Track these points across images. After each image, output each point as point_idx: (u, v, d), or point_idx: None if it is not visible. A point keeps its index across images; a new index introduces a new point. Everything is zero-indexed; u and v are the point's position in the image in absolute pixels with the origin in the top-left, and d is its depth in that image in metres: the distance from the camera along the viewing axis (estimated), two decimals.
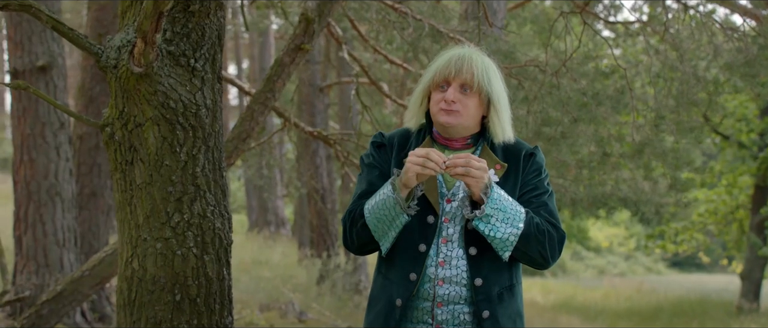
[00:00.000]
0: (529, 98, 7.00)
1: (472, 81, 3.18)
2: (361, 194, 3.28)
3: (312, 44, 5.25)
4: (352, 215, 3.24)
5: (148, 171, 3.44)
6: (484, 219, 3.10)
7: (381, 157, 3.33)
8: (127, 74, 3.34)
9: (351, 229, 3.24)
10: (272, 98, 5.29)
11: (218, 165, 3.57)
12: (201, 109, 3.48)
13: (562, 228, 3.28)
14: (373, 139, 3.39)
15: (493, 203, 3.08)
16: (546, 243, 3.18)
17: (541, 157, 3.32)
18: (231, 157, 5.34)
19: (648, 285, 26.75)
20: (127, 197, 3.48)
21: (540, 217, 3.21)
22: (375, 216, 3.15)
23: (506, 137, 3.26)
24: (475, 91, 3.19)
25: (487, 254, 3.19)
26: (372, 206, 3.16)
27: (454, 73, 3.19)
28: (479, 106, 3.22)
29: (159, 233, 3.45)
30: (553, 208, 3.29)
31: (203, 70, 3.48)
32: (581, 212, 10.29)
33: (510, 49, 6.99)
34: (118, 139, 3.46)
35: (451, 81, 3.20)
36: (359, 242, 3.24)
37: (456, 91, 3.19)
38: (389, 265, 3.28)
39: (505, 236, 3.12)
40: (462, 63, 3.20)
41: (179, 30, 3.42)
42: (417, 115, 3.32)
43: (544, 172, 3.32)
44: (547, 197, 3.27)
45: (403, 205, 3.10)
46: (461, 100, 3.19)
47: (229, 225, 3.62)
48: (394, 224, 3.14)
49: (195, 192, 3.49)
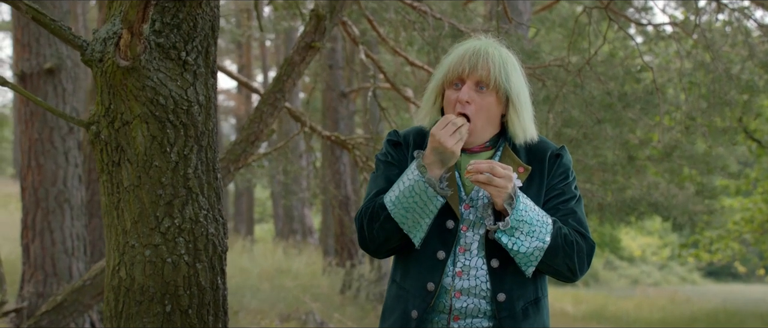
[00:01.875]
0: (551, 98, 6.70)
1: (488, 78, 2.91)
2: (379, 192, 3.03)
3: (323, 42, 5.00)
4: (371, 210, 2.97)
5: (136, 172, 3.20)
6: (508, 232, 2.83)
7: (398, 155, 3.08)
8: (112, 68, 3.11)
9: (370, 225, 2.97)
10: (282, 99, 5.05)
11: (212, 166, 3.33)
12: (193, 105, 3.23)
13: (591, 237, 3.00)
14: (389, 138, 3.14)
15: (517, 214, 2.81)
16: (574, 255, 2.90)
17: (568, 159, 3.04)
18: (238, 161, 5.10)
19: (682, 295, 26.23)
20: (114, 201, 3.24)
21: (568, 226, 2.93)
22: (402, 205, 2.88)
23: (528, 137, 2.99)
24: (491, 89, 2.92)
25: (511, 266, 2.93)
26: (396, 196, 2.89)
27: (468, 69, 2.92)
28: (497, 104, 2.96)
29: (148, 239, 3.21)
30: (582, 215, 3.01)
31: (195, 64, 3.24)
32: (610, 218, 9.94)
33: (533, 48, 6.70)
34: (104, 138, 3.22)
35: (465, 78, 2.93)
36: (380, 239, 2.97)
37: (471, 89, 2.92)
38: (404, 273, 3.03)
39: (530, 250, 2.85)
40: (477, 58, 2.93)
41: (169, 20, 3.18)
42: (430, 113, 3.06)
43: (571, 175, 3.04)
44: (575, 203, 2.99)
45: (437, 186, 2.84)
46: (477, 100, 2.92)
47: (223, 231, 3.37)
48: (427, 210, 2.87)
49: (187, 195, 3.24)
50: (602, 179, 8.79)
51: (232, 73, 6.54)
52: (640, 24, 11.76)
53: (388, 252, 3.06)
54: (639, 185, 9.55)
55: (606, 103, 7.27)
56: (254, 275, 13.00)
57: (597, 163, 8.35)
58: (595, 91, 7.04)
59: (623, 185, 9.04)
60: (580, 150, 7.86)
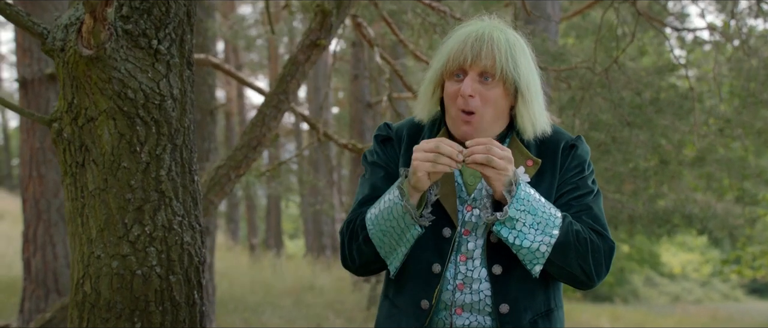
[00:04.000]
0: (576, 100, 6.29)
1: (493, 68, 2.52)
2: (363, 201, 2.66)
3: (328, 40, 4.66)
4: (352, 226, 2.62)
5: (102, 175, 2.86)
6: (508, 223, 2.45)
7: (387, 154, 2.71)
8: (75, 58, 2.78)
9: (350, 244, 2.62)
10: (286, 101, 4.71)
11: (188, 167, 2.99)
12: (166, 100, 2.90)
13: (610, 237, 2.60)
14: (377, 133, 2.76)
15: (519, 203, 2.43)
16: (589, 255, 2.51)
17: (584, 150, 2.65)
18: (240, 167, 4.76)
19: (724, 313, 25.48)
20: (78, 206, 2.91)
21: (582, 223, 2.55)
22: (380, 228, 2.52)
23: (538, 131, 2.61)
24: (498, 80, 2.54)
25: (515, 273, 2.55)
26: (375, 216, 2.53)
27: (470, 58, 2.53)
28: (504, 96, 2.57)
29: (115, 249, 2.87)
30: (600, 212, 2.61)
31: (168, 54, 2.91)
32: (640, 231, 9.39)
33: (559, 50, 6.31)
34: (66, 136, 2.89)
35: (467, 68, 2.54)
36: (361, 261, 2.62)
37: (474, 81, 2.54)
38: (397, 288, 2.66)
39: (535, 245, 2.46)
40: (481, 45, 2.54)
41: (138, 5, 2.86)
42: (429, 105, 2.68)
43: (588, 167, 2.65)
44: (592, 199, 2.60)
45: (415, 214, 2.47)
46: (481, 93, 2.53)
47: (201, 239, 3.03)
48: (403, 238, 2.51)
49: (159, 200, 2.90)
50: (633, 187, 8.32)
51: (231, 70, 6.23)
52: (675, 28, 11.34)
53: (375, 271, 2.70)
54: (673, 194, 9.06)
55: (635, 104, 6.84)
56: (278, 291, 12.68)
57: (627, 169, 7.88)
58: (624, 92, 6.62)
59: (655, 194, 8.55)
60: (608, 156, 7.42)
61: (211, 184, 4.82)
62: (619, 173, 7.80)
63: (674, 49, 13.47)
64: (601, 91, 6.47)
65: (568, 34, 15.67)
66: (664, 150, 8.07)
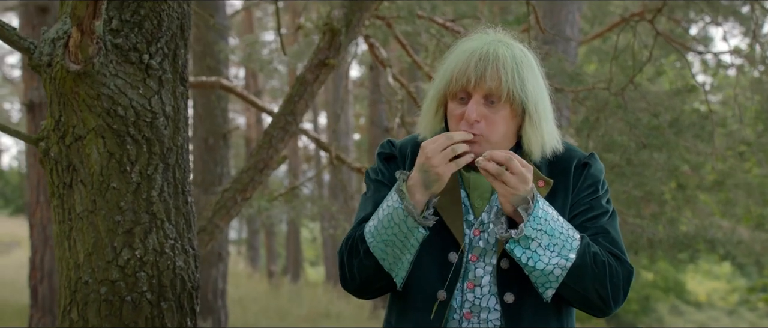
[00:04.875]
0: (591, 120, 6.11)
1: (499, 89, 2.35)
2: (365, 218, 2.51)
3: (338, 59, 4.52)
4: (351, 242, 2.46)
5: (91, 196, 2.73)
6: (523, 242, 2.29)
7: (391, 171, 2.55)
8: (62, 74, 2.66)
9: (350, 260, 2.46)
10: (293, 122, 4.57)
11: (181, 188, 2.85)
12: (158, 117, 2.77)
13: (628, 261, 2.43)
14: (380, 150, 2.60)
15: (535, 222, 2.27)
16: (606, 280, 2.34)
17: (597, 168, 2.49)
18: (246, 191, 4.62)
19: None
20: (66, 229, 2.77)
21: (599, 246, 2.38)
22: (381, 239, 2.37)
23: (548, 151, 2.44)
24: (504, 102, 2.37)
25: (529, 300, 2.38)
26: (375, 227, 2.38)
27: (474, 80, 2.35)
28: (512, 118, 2.40)
29: (103, 274, 2.73)
30: (617, 234, 2.44)
31: (160, 69, 2.77)
32: (662, 257, 9.12)
33: (576, 70, 6.14)
34: (54, 156, 2.76)
35: (471, 91, 2.37)
36: (362, 277, 2.46)
37: (479, 104, 2.37)
38: (400, 315, 2.50)
39: (550, 268, 2.30)
40: (485, 66, 2.36)
41: (129, 17, 2.73)
42: (432, 124, 2.52)
43: (602, 187, 2.48)
44: (607, 221, 2.43)
45: (417, 215, 2.31)
46: (487, 116, 2.36)
47: (194, 264, 2.88)
48: (407, 244, 2.36)
49: (150, 222, 2.76)
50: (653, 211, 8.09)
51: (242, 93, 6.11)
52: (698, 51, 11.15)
53: (375, 292, 2.54)
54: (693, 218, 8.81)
55: (652, 126, 6.64)
56: (294, 318, 12.50)
57: (643, 193, 7.67)
58: (641, 113, 6.43)
59: (673, 218, 8.31)
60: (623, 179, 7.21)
61: (217, 207, 4.68)
62: (632, 197, 7.59)
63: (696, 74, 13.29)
64: (616, 110, 6.30)
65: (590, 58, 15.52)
66: (681, 174, 7.85)
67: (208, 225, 4.65)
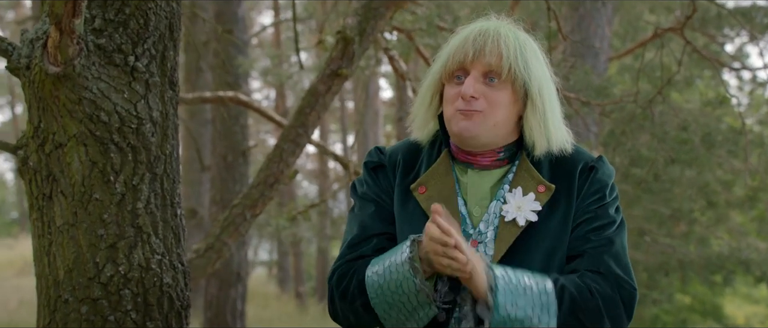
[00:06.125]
0: (617, 133, 5.83)
1: (499, 65, 2.13)
2: (352, 243, 2.27)
3: (351, 69, 4.32)
4: (344, 284, 2.21)
5: (72, 208, 2.54)
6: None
7: (379, 184, 2.31)
8: (41, 76, 2.48)
9: (342, 303, 2.21)
10: (305, 135, 4.37)
11: (170, 200, 2.65)
12: (144, 123, 2.58)
13: (633, 281, 2.18)
14: (367, 159, 2.36)
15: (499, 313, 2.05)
16: (602, 316, 2.12)
17: (605, 172, 2.24)
18: (256, 207, 4.42)
19: None
20: (45, 244, 2.59)
21: (602, 264, 2.14)
22: (385, 299, 2.13)
23: (555, 146, 2.20)
24: (505, 80, 2.14)
25: None
26: (380, 285, 2.13)
27: (472, 55, 2.14)
28: (513, 101, 2.17)
29: (85, 291, 2.54)
30: (621, 248, 2.19)
31: (147, 72, 2.59)
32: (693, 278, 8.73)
33: (603, 83, 5.88)
34: (32, 165, 2.58)
35: (469, 67, 2.15)
36: (358, 323, 2.22)
37: (477, 81, 2.15)
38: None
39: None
40: (485, 40, 2.15)
41: (112, 16, 2.55)
42: (425, 118, 2.29)
43: (610, 193, 2.23)
44: (614, 232, 2.18)
45: (431, 294, 2.09)
46: (486, 95, 2.14)
47: (184, 281, 2.68)
48: (415, 316, 2.12)
49: (135, 236, 2.57)
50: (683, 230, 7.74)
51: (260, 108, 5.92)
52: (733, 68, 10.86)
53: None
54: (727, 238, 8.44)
55: (681, 139, 6.35)
56: None
57: (671, 210, 7.32)
58: (669, 126, 6.15)
59: (704, 237, 7.94)
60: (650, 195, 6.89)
61: (225, 224, 4.49)
62: (660, 214, 7.24)
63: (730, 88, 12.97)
64: (644, 123, 6.03)
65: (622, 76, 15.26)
66: (712, 190, 7.49)
67: (216, 242, 4.47)
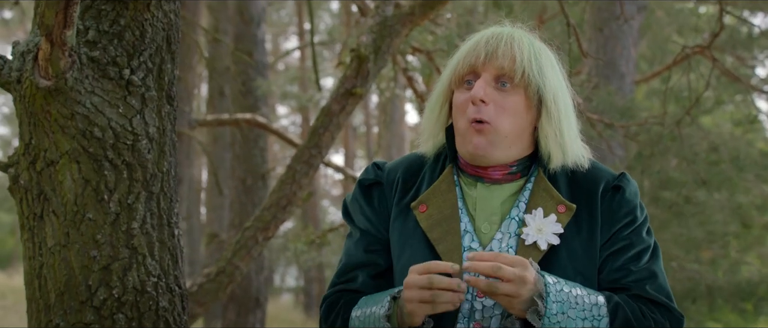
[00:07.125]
0: (645, 155, 5.65)
1: (512, 69, 2.00)
2: (340, 273, 2.15)
3: (366, 88, 4.20)
4: (331, 316, 2.11)
5: (64, 228, 2.42)
6: None
7: (372, 205, 2.16)
8: (31, 90, 2.37)
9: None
10: (318, 156, 4.25)
11: (167, 220, 2.53)
12: (140, 139, 2.46)
13: (677, 307, 2.03)
14: (362, 177, 2.21)
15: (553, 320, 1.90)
16: None
17: (632, 191, 2.08)
18: (268, 229, 4.30)
19: None
20: (36, 266, 2.47)
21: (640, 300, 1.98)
22: None
23: (571, 159, 2.06)
24: (518, 85, 2.01)
25: None
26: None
27: (483, 57, 2.02)
28: (526, 108, 2.03)
29: (77, 316, 2.41)
30: (662, 277, 2.04)
31: (143, 86, 2.47)
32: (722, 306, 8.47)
33: (627, 104, 5.72)
34: (23, 183, 2.47)
35: (480, 70, 2.02)
36: None
37: (488, 84, 2.01)
38: None
39: None
40: (498, 43, 2.02)
41: (107, 28, 2.44)
42: (434, 129, 2.15)
43: (641, 215, 2.07)
44: (651, 258, 2.04)
45: None
46: (496, 101, 2.00)
47: (182, 304, 2.55)
48: None
49: (130, 257, 2.44)
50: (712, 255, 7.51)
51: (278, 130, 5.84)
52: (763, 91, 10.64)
53: None
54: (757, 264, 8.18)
55: (712, 161, 6.15)
56: None
57: (703, 234, 7.09)
58: (698, 148, 5.96)
59: (736, 261, 7.70)
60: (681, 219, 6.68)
61: (237, 247, 4.37)
62: (693, 239, 7.02)
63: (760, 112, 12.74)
64: (672, 144, 5.84)
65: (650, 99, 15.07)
66: (746, 212, 7.27)
67: (228, 266, 4.34)
